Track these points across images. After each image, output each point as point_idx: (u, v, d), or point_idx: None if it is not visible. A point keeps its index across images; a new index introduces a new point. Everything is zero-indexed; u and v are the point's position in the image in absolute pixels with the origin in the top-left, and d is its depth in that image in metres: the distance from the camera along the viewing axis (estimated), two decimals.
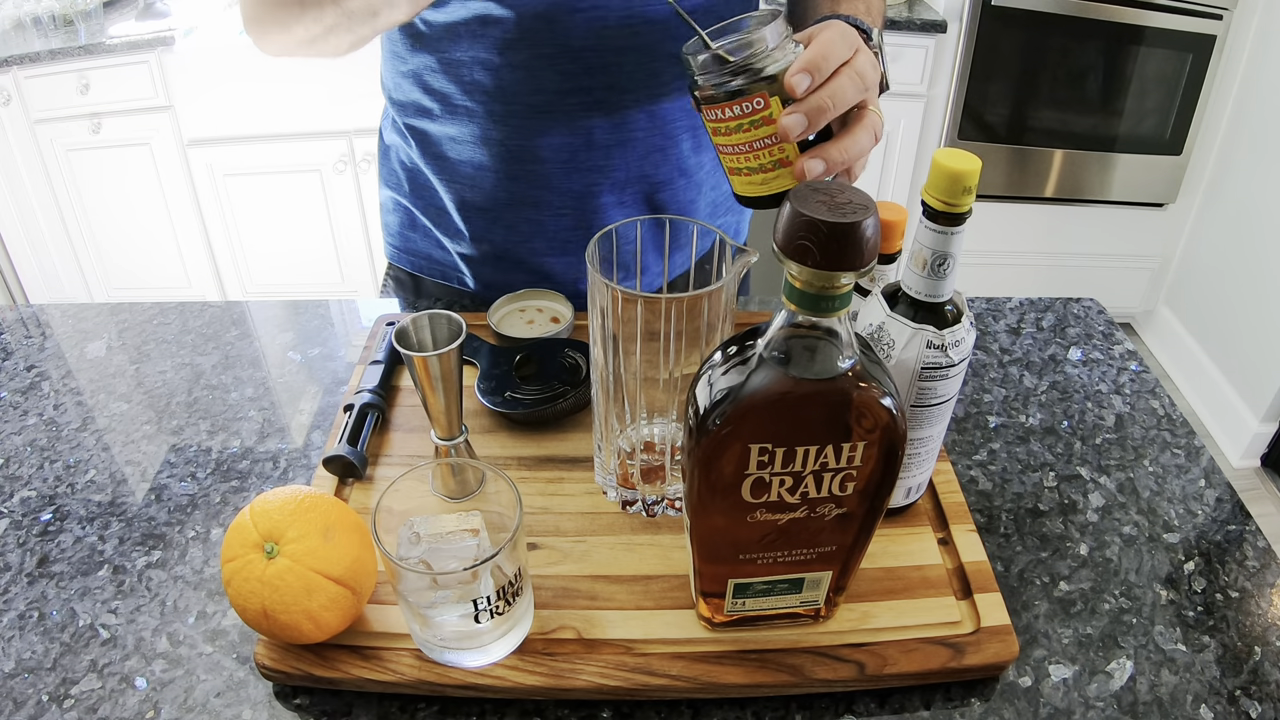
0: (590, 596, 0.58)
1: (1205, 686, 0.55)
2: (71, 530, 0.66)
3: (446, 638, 0.53)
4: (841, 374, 0.44)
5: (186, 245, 2.38)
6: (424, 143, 0.85)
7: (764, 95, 0.55)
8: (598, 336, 0.57)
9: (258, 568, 0.50)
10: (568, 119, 0.78)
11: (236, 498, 0.69)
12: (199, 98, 2.14)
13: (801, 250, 0.40)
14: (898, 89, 2.19)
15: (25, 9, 2.19)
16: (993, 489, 0.70)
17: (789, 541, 0.50)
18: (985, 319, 0.90)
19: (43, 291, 2.46)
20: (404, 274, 0.96)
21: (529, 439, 0.71)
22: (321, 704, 0.54)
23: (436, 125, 0.82)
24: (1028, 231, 2.43)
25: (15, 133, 2.17)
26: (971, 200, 0.50)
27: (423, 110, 0.82)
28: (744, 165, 0.59)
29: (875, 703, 0.55)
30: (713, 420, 0.45)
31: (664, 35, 0.75)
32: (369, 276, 2.45)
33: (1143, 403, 0.79)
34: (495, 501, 0.56)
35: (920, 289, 0.54)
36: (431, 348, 0.60)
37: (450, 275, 0.93)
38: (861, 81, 0.56)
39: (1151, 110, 2.24)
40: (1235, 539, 0.66)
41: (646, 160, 0.82)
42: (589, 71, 0.75)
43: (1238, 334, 2.23)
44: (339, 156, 2.22)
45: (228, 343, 0.86)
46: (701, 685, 0.53)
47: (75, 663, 0.56)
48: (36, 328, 0.89)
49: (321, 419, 0.76)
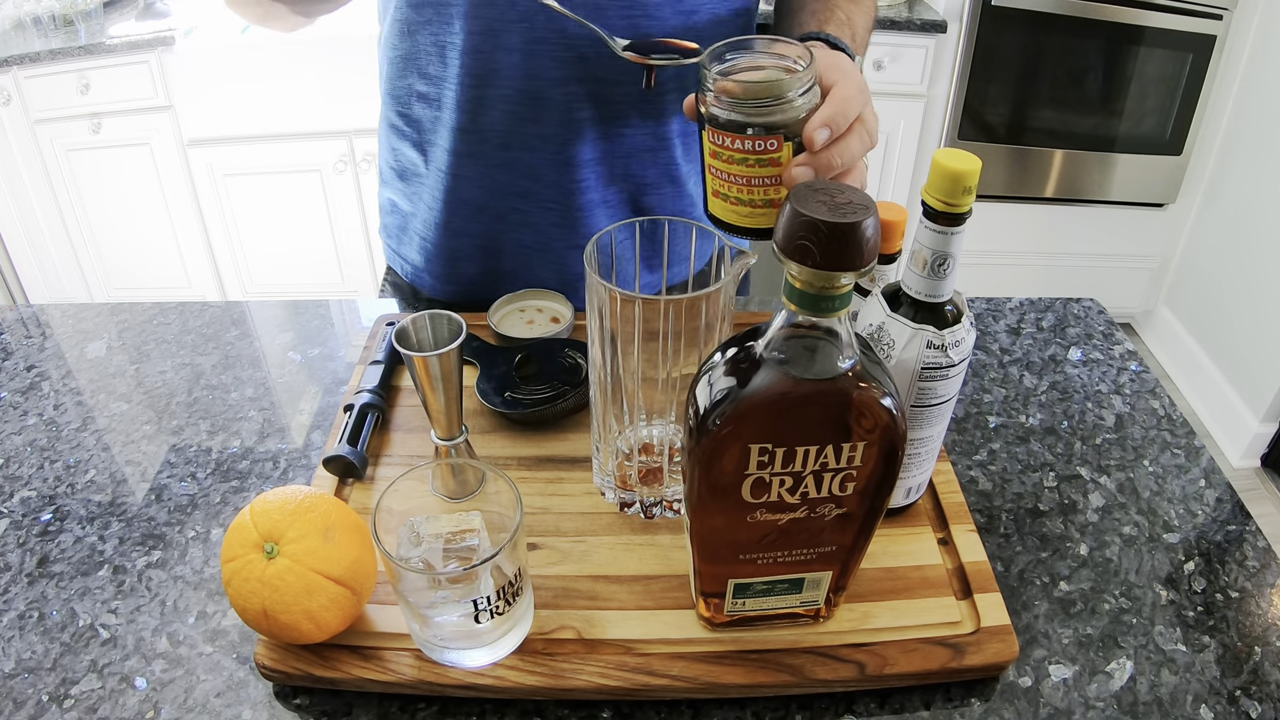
0: (590, 596, 0.58)
1: (1205, 686, 0.55)
2: (71, 530, 0.66)
3: (446, 638, 0.53)
4: (841, 374, 0.44)
5: (186, 245, 2.38)
6: (417, 129, 0.84)
7: (778, 138, 0.53)
8: (596, 337, 0.57)
9: (258, 568, 0.50)
10: (560, 108, 0.77)
11: (236, 498, 0.69)
12: (199, 98, 2.14)
13: (801, 250, 0.40)
14: (898, 89, 2.19)
15: (25, 9, 2.19)
16: (993, 489, 0.70)
17: (789, 541, 0.50)
18: (985, 319, 0.90)
19: (43, 291, 2.46)
20: (399, 278, 0.96)
21: (529, 439, 0.71)
22: (321, 704, 0.54)
23: (430, 110, 0.82)
24: (1028, 231, 2.43)
25: (15, 133, 2.17)
26: (971, 200, 0.50)
27: (418, 95, 0.82)
28: (733, 194, 0.57)
29: (875, 703, 0.55)
30: (713, 420, 0.45)
31: (662, 29, 0.75)
32: (369, 276, 2.45)
33: (1143, 403, 0.79)
34: (495, 501, 0.56)
35: (920, 289, 0.54)
36: (431, 348, 0.60)
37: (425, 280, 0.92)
38: (869, 140, 0.56)
39: (1151, 110, 2.24)
40: (1235, 539, 0.66)
41: (634, 159, 0.82)
42: (583, 60, 0.75)
43: (1238, 334, 2.22)
44: (339, 156, 2.22)
45: (228, 343, 0.86)
46: (701, 685, 0.53)
47: (75, 663, 0.56)
48: (36, 328, 0.89)
49: (321, 419, 0.76)
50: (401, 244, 0.93)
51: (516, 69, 0.75)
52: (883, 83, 2.17)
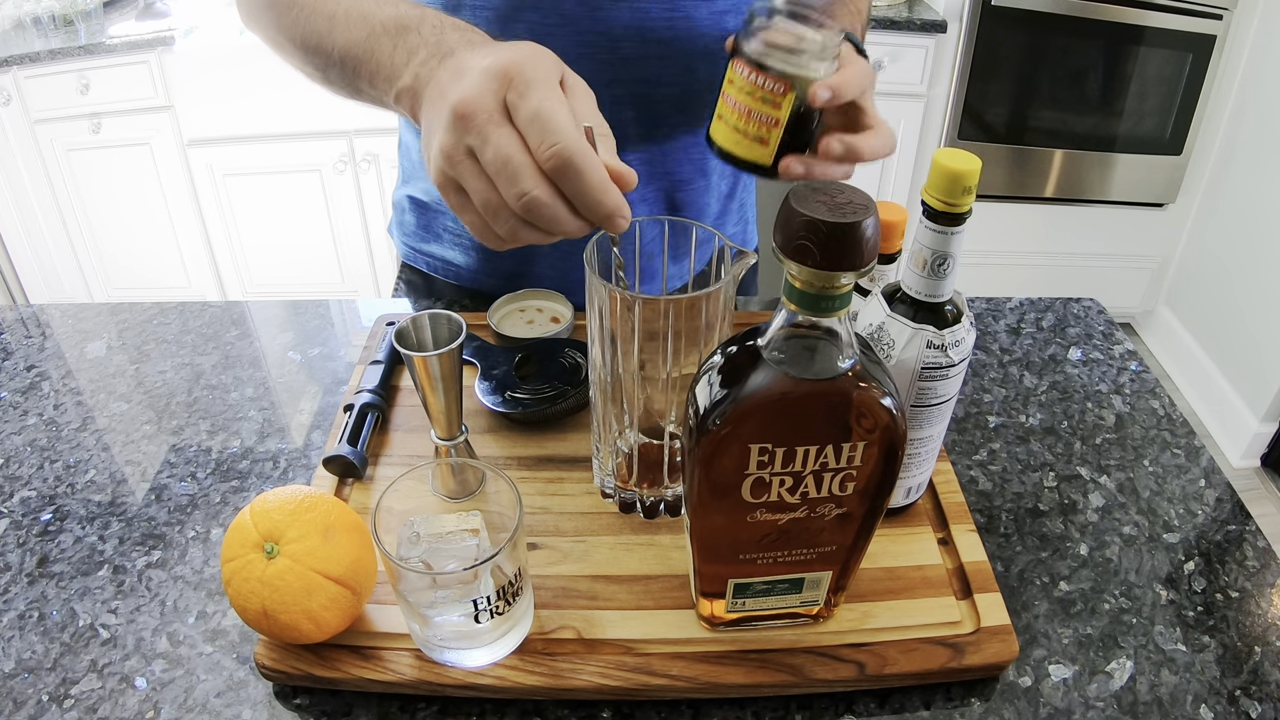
0: (590, 596, 0.58)
1: (1205, 686, 0.55)
2: (71, 530, 0.66)
3: (446, 637, 0.53)
4: (841, 374, 0.44)
5: (186, 245, 2.38)
6: None
7: (786, 84, 0.61)
8: (596, 337, 0.57)
9: (258, 568, 0.50)
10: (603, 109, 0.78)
11: (236, 498, 0.69)
12: (199, 98, 2.14)
13: (801, 250, 0.40)
14: (898, 89, 2.19)
15: (25, 9, 2.19)
16: (993, 489, 0.70)
17: (789, 541, 0.50)
18: (985, 319, 0.90)
19: (43, 291, 2.46)
20: (417, 275, 0.96)
21: (529, 439, 0.71)
22: (321, 704, 0.54)
23: None
24: (1028, 231, 2.43)
25: (15, 133, 2.17)
26: (971, 200, 0.50)
27: None
28: (731, 120, 0.64)
29: (875, 703, 0.55)
30: (713, 420, 0.45)
31: (703, 31, 0.75)
32: (369, 276, 2.45)
33: (1143, 403, 0.79)
34: (495, 501, 0.56)
35: (920, 289, 0.54)
36: (431, 348, 0.60)
37: (464, 276, 0.92)
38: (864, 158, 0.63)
39: (1151, 110, 2.24)
40: (1235, 539, 0.66)
41: (671, 157, 0.82)
42: (625, 63, 0.75)
43: (1238, 334, 2.23)
44: (339, 156, 2.22)
45: (228, 343, 0.86)
46: (701, 685, 0.53)
47: (75, 663, 0.56)
48: (36, 328, 0.89)
49: (321, 419, 0.76)
50: (426, 241, 0.93)
51: None
52: (883, 83, 2.17)
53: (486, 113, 0.46)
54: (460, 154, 0.47)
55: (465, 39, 0.54)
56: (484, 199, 0.47)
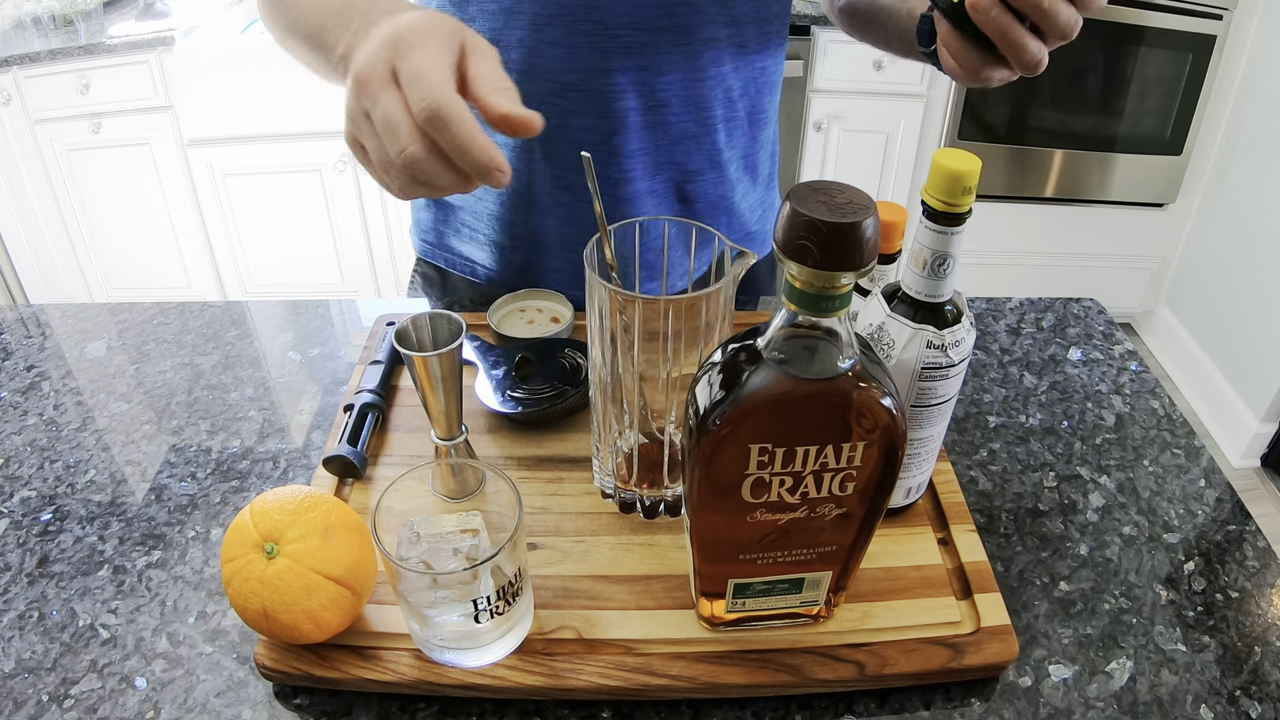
0: (590, 596, 0.58)
1: (1205, 686, 0.55)
2: (71, 530, 0.66)
3: (446, 638, 0.53)
4: (841, 374, 0.44)
5: (186, 245, 2.38)
6: None
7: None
8: (596, 337, 0.57)
9: (258, 568, 0.50)
10: (602, 100, 0.77)
11: (236, 498, 0.69)
12: (199, 98, 2.14)
13: (801, 250, 0.40)
14: (898, 89, 2.19)
15: (25, 9, 2.19)
16: (993, 489, 0.70)
17: (789, 541, 0.50)
18: (985, 319, 0.90)
19: (43, 291, 2.46)
20: (433, 270, 0.97)
21: (529, 439, 0.71)
22: (321, 704, 0.54)
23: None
24: (1028, 231, 2.43)
25: (15, 133, 2.17)
26: (971, 200, 0.50)
27: None
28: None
29: (875, 703, 0.55)
30: (713, 420, 0.45)
31: (701, 19, 0.75)
32: (369, 276, 2.45)
33: (1143, 403, 0.79)
34: (495, 501, 0.56)
35: (920, 289, 0.54)
36: (431, 348, 0.60)
37: (480, 271, 0.93)
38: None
39: (1151, 110, 2.24)
40: (1235, 539, 0.66)
41: (678, 147, 0.82)
42: (625, 51, 0.75)
43: (1238, 334, 2.23)
44: (339, 156, 2.22)
45: (228, 343, 0.86)
46: (701, 685, 0.53)
47: (75, 663, 0.56)
48: (36, 328, 0.89)
49: (321, 419, 0.76)
50: (443, 237, 0.94)
51: (560, 62, 0.76)
52: (882, 83, 2.17)
53: (378, 78, 0.48)
54: (360, 116, 0.50)
55: (391, 7, 0.56)
56: (378, 157, 0.50)
